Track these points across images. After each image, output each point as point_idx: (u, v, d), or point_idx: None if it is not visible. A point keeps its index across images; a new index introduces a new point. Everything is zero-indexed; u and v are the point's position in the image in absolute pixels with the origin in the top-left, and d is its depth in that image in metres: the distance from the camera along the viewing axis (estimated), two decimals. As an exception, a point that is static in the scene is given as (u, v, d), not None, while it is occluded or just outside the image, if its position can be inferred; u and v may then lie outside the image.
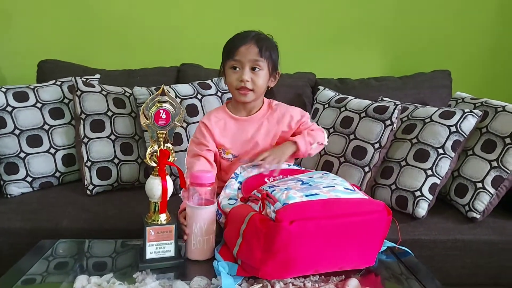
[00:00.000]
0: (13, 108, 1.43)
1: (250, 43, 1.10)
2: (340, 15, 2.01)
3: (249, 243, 0.84)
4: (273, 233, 0.79)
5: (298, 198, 0.83)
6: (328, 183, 0.93)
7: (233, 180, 1.06)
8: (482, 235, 1.27)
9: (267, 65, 1.12)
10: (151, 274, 0.86)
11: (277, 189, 0.88)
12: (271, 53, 1.13)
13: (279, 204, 0.82)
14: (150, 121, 0.89)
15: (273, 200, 0.84)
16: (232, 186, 1.05)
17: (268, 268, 0.83)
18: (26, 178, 1.42)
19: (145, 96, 1.48)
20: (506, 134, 1.33)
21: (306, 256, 0.83)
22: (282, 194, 0.85)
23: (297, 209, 0.81)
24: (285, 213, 0.79)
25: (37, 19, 1.92)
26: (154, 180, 0.90)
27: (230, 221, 0.94)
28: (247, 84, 1.09)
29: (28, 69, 1.84)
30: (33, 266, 0.91)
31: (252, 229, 0.84)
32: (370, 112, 1.44)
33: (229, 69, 1.12)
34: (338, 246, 0.85)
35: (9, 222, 1.24)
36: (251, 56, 1.09)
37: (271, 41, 1.16)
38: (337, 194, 0.87)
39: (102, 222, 1.25)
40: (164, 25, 1.96)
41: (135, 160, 1.50)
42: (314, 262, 0.85)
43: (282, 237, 0.79)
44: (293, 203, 0.82)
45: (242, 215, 0.88)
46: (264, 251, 0.81)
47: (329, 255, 0.85)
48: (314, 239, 0.82)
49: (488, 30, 2.04)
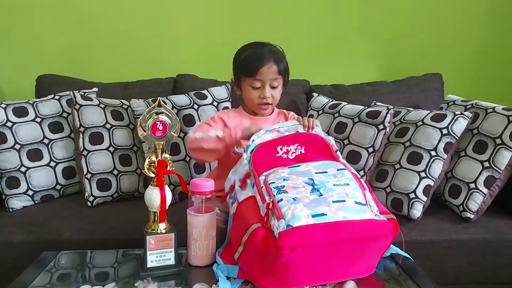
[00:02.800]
0: (13, 123, 1.46)
1: (270, 63, 1.17)
2: (332, 23, 2.04)
3: (249, 256, 0.84)
4: (273, 257, 0.78)
5: (304, 220, 0.78)
6: (339, 193, 0.85)
7: (244, 159, 0.97)
8: (477, 234, 1.29)
9: (283, 80, 1.22)
10: (152, 282, 0.88)
11: (285, 198, 0.83)
12: (285, 67, 1.22)
13: (283, 222, 0.78)
14: (147, 132, 0.92)
15: (278, 214, 0.80)
16: (242, 167, 0.97)
17: (266, 282, 0.83)
18: (27, 191, 1.44)
19: (142, 108, 1.51)
20: (497, 134, 1.36)
21: (304, 275, 0.83)
22: (288, 209, 0.80)
23: (300, 234, 0.77)
24: (288, 238, 0.77)
25: (34, 35, 1.95)
26: (152, 190, 0.93)
27: (236, 219, 0.92)
28: (268, 99, 1.19)
29: (26, 84, 1.87)
30: (36, 278, 0.92)
31: (253, 245, 0.82)
32: (363, 117, 1.47)
33: (249, 86, 1.20)
34: (339, 265, 0.85)
35: (11, 235, 1.25)
36: (272, 76, 1.18)
37: (282, 53, 1.23)
38: (345, 216, 0.81)
39: (103, 233, 1.27)
40: (159, 37, 2.00)
41: (134, 171, 1.52)
42: (312, 279, 0.85)
43: (282, 262, 0.78)
44: (297, 226, 0.78)
45: (246, 218, 0.86)
46: (263, 269, 0.82)
47: (328, 272, 0.85)
48: (314, 262, 0.81)
49: (478, 34, 2.08)
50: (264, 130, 1.01)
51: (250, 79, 1.18)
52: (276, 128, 1.02)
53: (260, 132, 1.01)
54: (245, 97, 1.24)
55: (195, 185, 0.96)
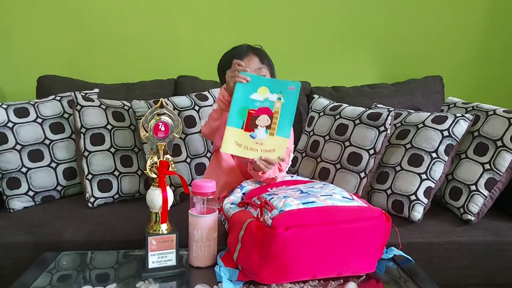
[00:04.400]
0: (14, 124, 1.46)
1: (249, 55, 1.18)
2: (333, 25, 2.05)
3: (247, 249, 0.87)
4: (269, 240, 0.82)
5: (295, 206, 0.86)
6: (327, 192, 0.95)
7: (238, 189, 1.11)
8: (478, 237, 1.29)
9: (269, 72, 1.21)
10: (154, 283, 0.89)
11: (276, 197, 0.91)
12: (269, 61, 1.22)
13: (276, 211, 0.85)
14: (149, 133, 0.92)
15: (270, 207, 0.87)
16: (237, 194, 1.09)
17: (266, 273, 0.85)
18: (28, 192, 1.44)
19: (143, 109, 1.51)
20: (498, 137, 1.36)
21: (303, 262, 0.85)
22: (280, 201, 0.87)
23: (293, 216, 0.83)
24: (281, 219, 0.82)
25: (35, 35, 1.96)
26: (154, 191, 0.93)
27: (231, 227, 0.97)
28: None
29: (27, 84, 1.87)
30: (37, 279, 0.92)
31: (250, 235, 0.86)
32: (364, 119, 1.47)
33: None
34: (335, 252, 0.87)
35: (12, 236, 1.25)
36: (254, 65, 1.18)
37: (263, 50, 1.25)
38: (333, 202, 0.90)
39: (104, 234, 1.26)
40: (160, 38, 2.00)
41: (135, 172, 1.52)
42: (311, 268, 0.87)
43: (278, 243, 0.82)
44: (290, 210, 0.84)
45: (241, 221, 0.91)
46: (261, 257, 0.84)
47: (326, 261, 0.87)
48: (310, 246, 0.84)
49: (478, 37, 2.09)
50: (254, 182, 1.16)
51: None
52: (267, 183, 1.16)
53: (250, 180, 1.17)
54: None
55: (196, 186, 0.96)
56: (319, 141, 1.57)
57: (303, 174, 1.58)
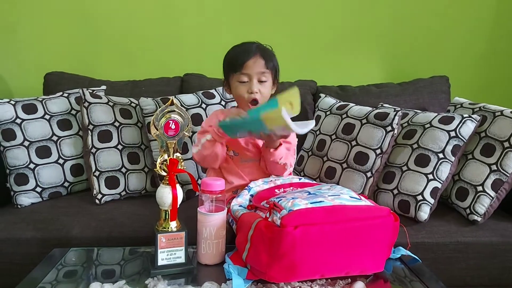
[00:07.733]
0: (22, 120, 1.46)
1: (256, 56, 1.16)
2: (339, 24, 2.05)
3: (256, 248, 0.87)
4: (278, 238, 0.82)
5: (303, 205, 0.87)
6: (334, 192, 0.96)
7: (246, 191, 1.10)
8: (484, 237, 1.29)
9: (271, 75, 1.19)
10: (163, 280, 0.89)
11: (284, 198, 0.92)
12: (274, 64, 1.20)
13: (284, 211, 0.86)
14: (160, 131, 0.92)
15: (279, 208, 0.88)
16: (245, 196, 1.09)
17: (275, 271, 0.85)
18: (35, 188, 1.44)
19: (151, 107, 1.51)
20: (505, 138, 1.36)
21: (311, 260, 0.85)
22: (288, 202, 0.88)
23: (301, 215, 0.84)
24: (290, 218, 0.83)
25: (42, 32, 1.96)
26: (164, 188, 0.93)
27: (239, 227, 0.97)
28: (256, 95, 1.16)
29: (34, 81, 1.88)
30: (47, 275, 0.93)
31: (259, 235, 0.87)
32: (371, 119, 1.47)
33: (237, 82, 1.18)
34: (343, 251, 0.87)
35: (20, 232, 1.26)
36: (258, 69, 1.16)
37: (271, 51, 1.22)
38: (341, 202, 0.90)
39: (111, 230, 1.27)
40: (167, 36, 2.00)
41: (142, 169, 1.53)
42: (320, 266, 0.87)
43: (287, 242, 0.82)
44: (298, 209, 0.85)
45: (249, 221, 0.91)
46: (270, 256, 0.84)
47: (334, 260, 0.87)
48: (318, 244, 0.85)
49: (485, 37, 2.08)
50: (262, 180, 1.14)
51: (237, 74, 1.17)
52: (273, 180, 1.15)
53: (258, 181, 1.14)
54: (234, 95, 1.22)
55: (206, 185, 0.96)
56: (326, 140, 1.57)
57: (309, 173, 1.58)
